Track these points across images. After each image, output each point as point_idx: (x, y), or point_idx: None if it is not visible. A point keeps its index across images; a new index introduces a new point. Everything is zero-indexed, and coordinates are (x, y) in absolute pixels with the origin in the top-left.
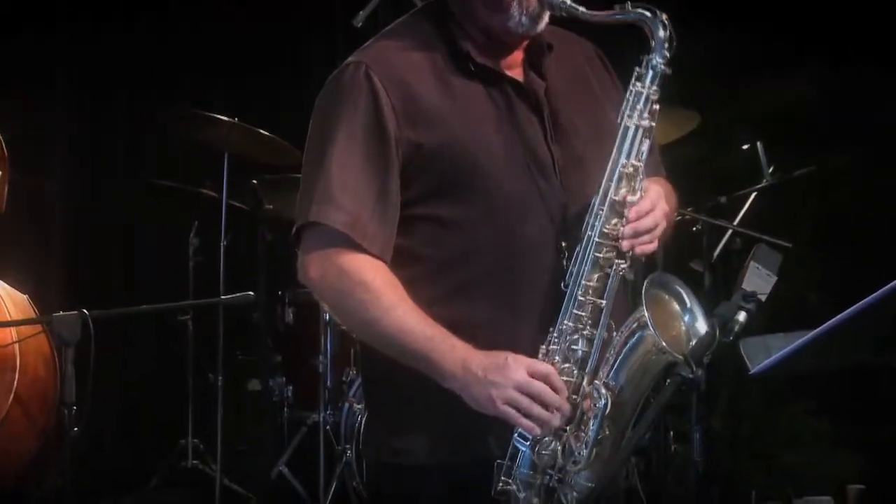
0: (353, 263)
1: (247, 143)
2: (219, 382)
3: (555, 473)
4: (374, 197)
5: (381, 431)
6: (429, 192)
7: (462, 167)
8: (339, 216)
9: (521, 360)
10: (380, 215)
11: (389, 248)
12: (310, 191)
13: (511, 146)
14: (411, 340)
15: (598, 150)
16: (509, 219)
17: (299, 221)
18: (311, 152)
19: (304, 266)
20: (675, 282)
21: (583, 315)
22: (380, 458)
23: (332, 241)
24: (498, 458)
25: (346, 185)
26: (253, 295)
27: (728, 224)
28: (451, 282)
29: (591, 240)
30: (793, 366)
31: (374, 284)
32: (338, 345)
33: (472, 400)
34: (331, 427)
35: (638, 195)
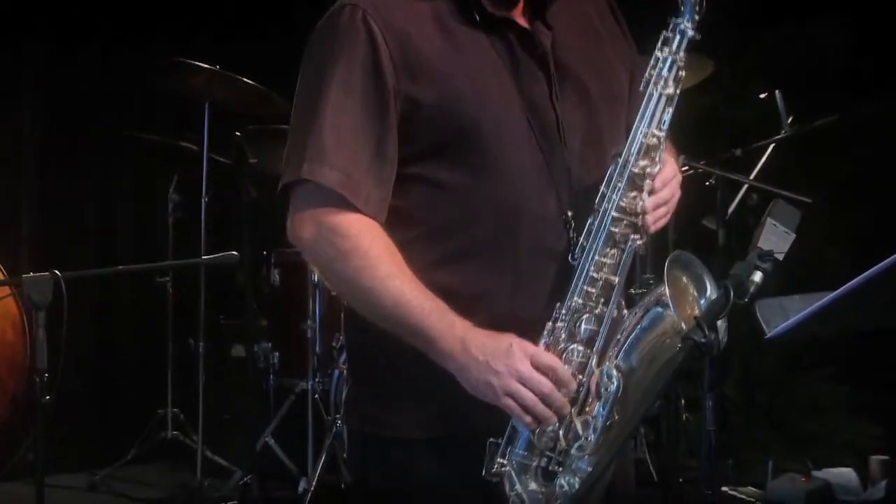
0: (349, 227)
1: (229, 93)
2: (200, 348)
3: (555, 457)
4: (371, 154)
5: (366, 401)
6: (426, 152)
7: (462, 127)
8: (333, 175)
9: (526, 347)
10: (376, 174)
11: (384, 208)
12: (300, 145)
13: (513, 102)
14: (408, 314)
15: (605, 111)
16: (510, 183)
17: (288, 178)
18: (302, 101)
19: (295, 226)
20: (697, 264)
21: (594, 292)
22: (363, 429)
23: (325, 201)
24: (492, 434)
25: (341, 141)
26: (236, 255)
27: (744, 178)
28: (448, 248)
29: (608, 213)
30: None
31: (372, 251)
32: (327, 308)
33: (470, 384)
34: (319, 396)
35: (658, 167)
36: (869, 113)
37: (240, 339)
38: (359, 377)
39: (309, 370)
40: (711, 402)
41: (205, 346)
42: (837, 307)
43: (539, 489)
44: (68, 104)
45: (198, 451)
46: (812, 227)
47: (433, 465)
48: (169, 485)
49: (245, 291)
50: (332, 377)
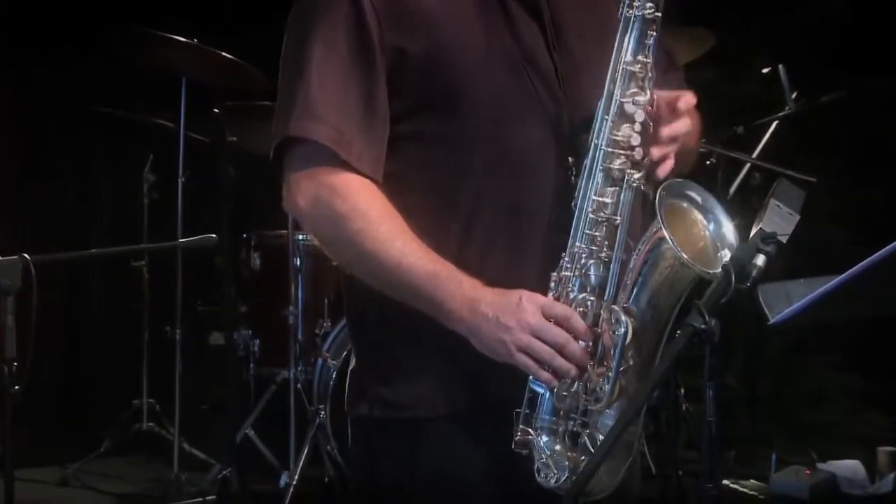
0: (347, 186)
1: (207, 67)
2: (177, 336)
3: (578, 417)
4: (361, 110)
5: (373, 382)
6: (414, 107)
7: (452, 76)
8: (323, 130)
9: (536, 299)
10: (367, 130)
11: (379, 167)
12: (287, 105)
13: (508, 52)
14: (413, 277)
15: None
16: (507, 134)
17: (276, 139)
18: (286, 65)
19: (291, 191)
20: (693, 187)
21: (597, 235)
22: (372, 414)
23: (318, 160)
24: (509, 405)
25: (328, 98)
26: (215, 237)
27: (746, 157)
28: (445, 208)
29: (599, 149)
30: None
31: (372, 212)
32: (310, 293)
33: (482, 344)
34: (302, 385)
35: (648, 95)
36: (877, 88)
37: (218, 326)
38: (365, 358)
39: (291, 358)
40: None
41: (182, 334)
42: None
43: (565, 453)
44: (38, 80)
45: (174, 444)
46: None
47: (450, 444)
48: (144, 479)
49: (224, 276)
50: (315, 366)
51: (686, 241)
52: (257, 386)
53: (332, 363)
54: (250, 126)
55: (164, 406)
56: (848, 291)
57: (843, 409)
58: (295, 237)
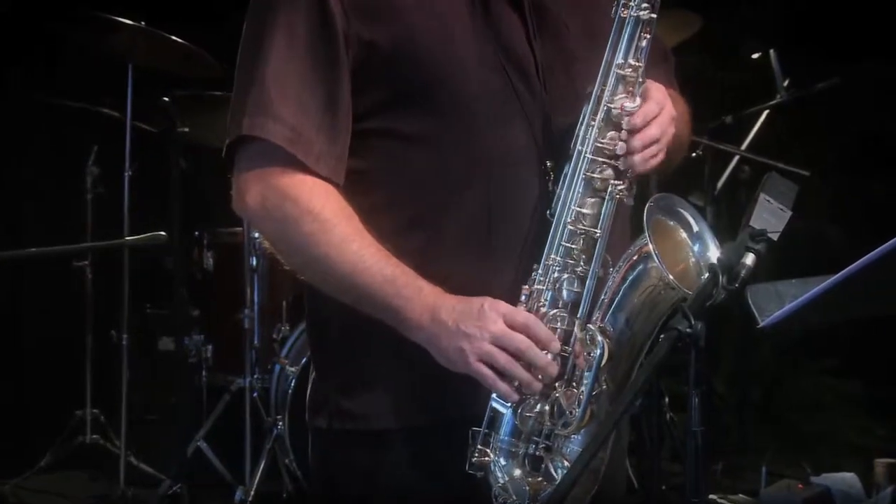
0: (299, 187)
1: (156, 53)
2: (123, 341)
3: (541, 440)
4: (321, 108)
5: (334, 393)
6: (384, 102)
7: (424, 70)
8: (279, 129)
9: (499, 306)
10: (328, 129)
11: (341, 168)
12: (242, 101)
13: (484, 44)
14: (369, 282)
15: (589, 49)
16: (482, 132)
17: (230, 137)
18: (244, 56)
19: (240, 191)
20: (681, 204)
21: (574, 248)
22: (332, 426)
23: (272, 160)
24: (476, 419)
25: (286, 94)
26: (164, 235)
27: (734, 149)
28: (414, 209)
29: (583, 156)
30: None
31: (325, 213)
32: (267, 295)
33: (441, 354)
34: (259, 394)
35: (637, 102)
36: (875, 75)
37: (168, 330)
38: (325, 368)
39: (246, 365)
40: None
41: (129, 339)
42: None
43: (525, 478)
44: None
45: (120, 458)
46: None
47: (414, 458)
48: (88, 495)
49: (174, 277)
50: (272, 373)
51: (669, 261)
52: (210, 395)
53: (290, 370)
54: (202, 116)
55: (109, 417)
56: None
57: (838, 418)
58: (251, 235)
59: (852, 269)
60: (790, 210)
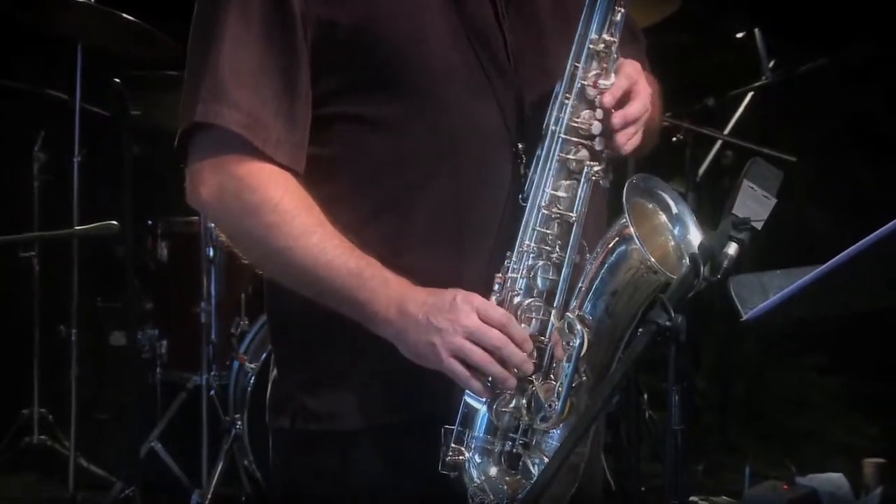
0: (257, 177)
1: (107, 31)
2: (73, 336)
3: (518, 437)
4: (278, 92)
5: (297, 391)
6: (346, 86)
7: (387, 51)
8: (234, 115)
9: (472, 299)
10: (286, 115)
11: (301, 156)
12: (195, 86)
13: (450, 22)
14: (332, 275)
15: (560, 25)
16: (450, 114)
17: (183, 125)
18: (196, 39)
19: (194, 182)
20: (661, 186)
21: (548, 233)
22: (295, 426)
23: (227, 148)
24: (447, 417)
25: (241, 78)
26: (116, 224)
27: (717, 133)
28: (380, 196)
29: (556, 136)
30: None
31: (284, 203)
32: (224, 288)
33: (410, 350)
34: (216, 392)
35: (612, 79)
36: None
37: (120, 324)
38: (287, 365)
39: (203, 362)
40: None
41: (78, 334)
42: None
43: (502, 477)
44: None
45: (69, 459)
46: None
47: (381, 459)
48: (35, 499)
49: (127, 268)
50: (230, 370)
51: (648, 245)
52: (165, 393)
53: (249, 367)
54: (156, 98)
55: (57, 416)
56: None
57: (825, 416)
58: (208, 224)
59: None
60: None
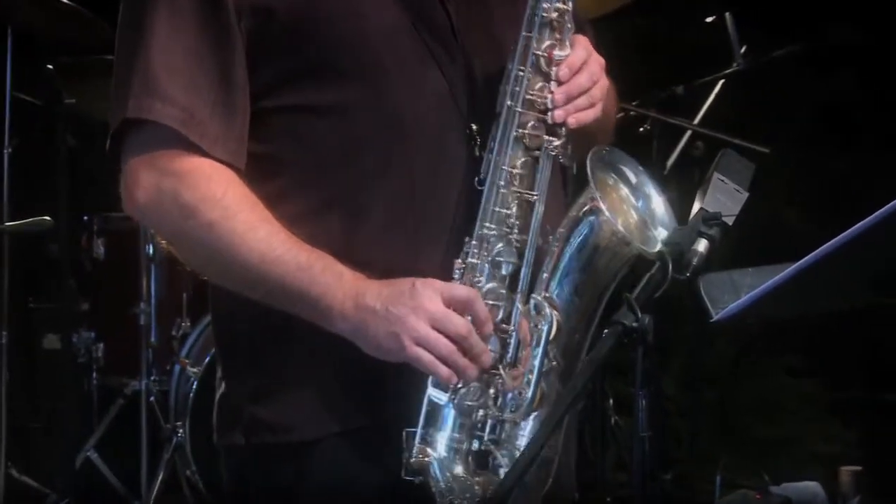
0: (196, 173)
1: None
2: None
3: (487, 434)
4: (214, 84)
5: (247, 403)
6: (285, 76)
7: (328, 36)
8: (168, 109)
9: (432, 283)
10: (224, 108)
11: (241, 150)
12: (126, 80)
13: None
14: (281, 272)
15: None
16: (398, 99)
17: (114, 122)
18: (125, 29)
19: (129, 185)
20: (621, 158)
21: (508, 214)
22: (248, 440)
23: (162, 144)
24: (411, 419)
25: (174, 69)
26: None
27: (686, 123)
28: (328, 189)
29: (512, 111)
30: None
31: (226, 200)
32: (165, 287)
33: (370, 344)
34: (156, 398)
35: (567, 49)
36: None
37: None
38: (235, 375)
39: (142, 366)
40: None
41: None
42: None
43: (471, 476)
44: None
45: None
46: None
47: (343, 468)
48: None
49: (61, 267)
50: (171, 374)
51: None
52: (101, 399)
53: (191, 371)
54: (92, 86)
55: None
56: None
57: (800, 422)
58: None
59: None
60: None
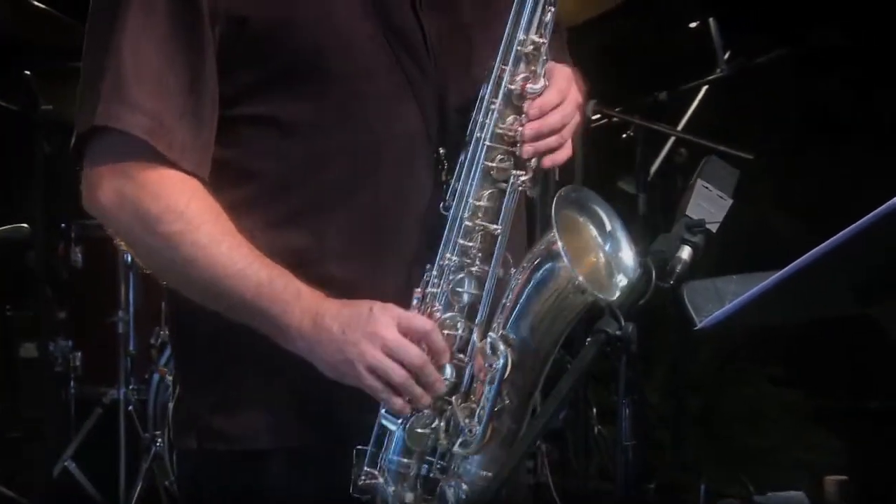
0: (160, 183)
1: (14, 18)
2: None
3: (436, 460)
4: (184, 91)
5: (202, 409)
6: (257, 85)
7: (299, 48)
8: (136, 118)
9: (390, 310)
10: (192, 116)
11: (206, 160)
12: (93, 85)
13: (365, 17)
14: (241, 287)
15: (485, 18)
16: (367, 115)
17: (80, 128)
18: (93, 34)
19: (91, 188)
20: (593, 198)
21: (471, 246)
22: (201, 445)
23: (128, 154)
24: (364, 437)
25: (144, 77)
26: (27, 227)
27: (669, 129)
28: (292, 202)
29: (481, 143)
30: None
31: (189, 211)
32: (143, 296)
33: (326, 364)
34: (134, 407)
35: (541, 83)
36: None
37: (31, 335)
38: (192, 382)
39: (120, 375)
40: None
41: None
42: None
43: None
44: None
45: None
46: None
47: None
48: None
49: (37, 275)
50: (150, 383)
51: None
52: (79, 408)
53: (170, 380)
54: (70, 92)
55: None
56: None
57: (784, 431)
58: None
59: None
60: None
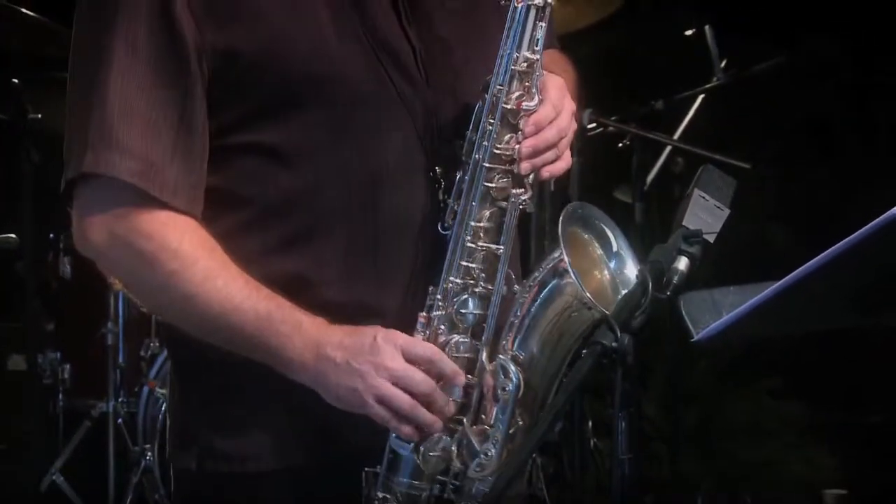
0: (152, 223)
1: (4, 28)
2: None
3: (449, 480)
4: (173, 129)
5: (204, 430)
6: (249, 115)
7: (295, 80)
8: (127, 163)
9: (394, 338)
10: (183, 154)
11: (199, 197)
12: (81, 129)
13: (357, 39)
14: (240, 321)
15: (472, 31)
16: (361, 138)
17: (70, 173)
18: (79, 75)
19: (82, 231)
20: (599, 216)
21: (473, 267)
22: (204, 467)
23: (119, 198)
24: (368, 458)
25: (132, 119)
26: (15, 238)
27: (666, 138)
28: (288, 229)
29: (480, 166)
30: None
31: (183, 248)
32: (133, 307)
33: (331, 395)
34: (124, 420)
35: (535, 100)
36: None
37: (19, 347)
38: (191, 401)
39: (110, 387)
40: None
41: None
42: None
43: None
44: None
45: None
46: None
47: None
48: None
49: (26, 286)
50: (139, 396)
51: (583, 277)
52: (68, 421)
53: (160, 392)
54: (58, 101)
55: None
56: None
57: (782, 445)
58: None
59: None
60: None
